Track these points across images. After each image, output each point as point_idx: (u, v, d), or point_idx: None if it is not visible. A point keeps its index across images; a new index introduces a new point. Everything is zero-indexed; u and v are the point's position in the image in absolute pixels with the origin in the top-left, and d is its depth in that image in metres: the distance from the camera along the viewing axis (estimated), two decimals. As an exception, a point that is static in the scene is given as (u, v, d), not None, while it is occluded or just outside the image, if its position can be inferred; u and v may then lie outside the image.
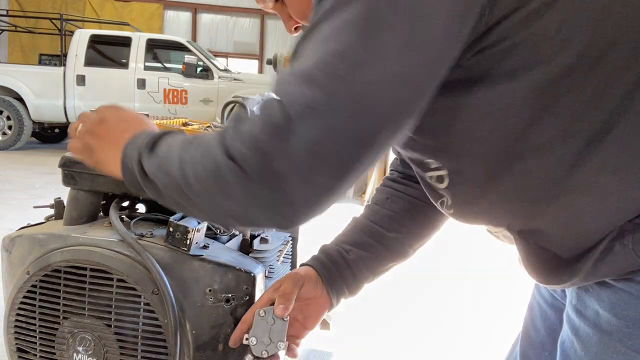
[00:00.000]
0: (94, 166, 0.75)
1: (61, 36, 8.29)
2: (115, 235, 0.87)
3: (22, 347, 0.88)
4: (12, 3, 10.96)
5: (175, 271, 0.84)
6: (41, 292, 0.85)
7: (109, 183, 0.93)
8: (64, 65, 7.38)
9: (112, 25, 9.59)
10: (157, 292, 0.81)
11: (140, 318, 0.82)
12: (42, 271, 0.85)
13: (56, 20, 8.58)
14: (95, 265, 0.83)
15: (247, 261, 0.90)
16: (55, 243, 0.87)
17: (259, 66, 11.71)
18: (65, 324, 0.84)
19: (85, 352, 0.84)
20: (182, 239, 0.85)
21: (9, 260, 0.92)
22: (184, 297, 0.84)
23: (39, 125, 7.90)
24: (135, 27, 9.15)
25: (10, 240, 0.92)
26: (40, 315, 0.86)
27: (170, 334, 0.80)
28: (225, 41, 11.78)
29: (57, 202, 1.03)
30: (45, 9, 10.48)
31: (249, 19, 11.79)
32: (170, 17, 11.67)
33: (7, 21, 9.97)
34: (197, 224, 0.88)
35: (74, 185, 0.96)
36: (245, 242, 1.04)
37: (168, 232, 0.86)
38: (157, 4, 11.48)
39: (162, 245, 0.86)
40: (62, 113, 7.43)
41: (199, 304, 0.84)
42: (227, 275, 0.84)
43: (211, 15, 11.78)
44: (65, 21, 8.49)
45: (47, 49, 10.38)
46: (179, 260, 0.85)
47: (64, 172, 0.95)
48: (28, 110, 7.40)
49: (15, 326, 0.87)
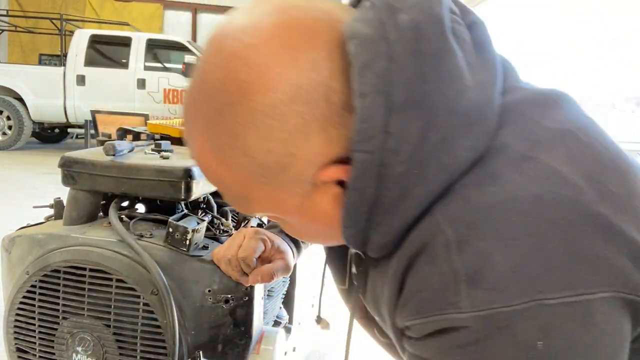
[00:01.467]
0: None
1: (61, 36, 8.29)
2: (114, 236, 0.87)
3: (22, 347, 0.88)
4: (12, 3, 10.96)
5: (174, 271, 0.84)
6: (40, 292, 0.85)
7: (109, 183, 0.93)
8: (64, 65, 7.38)
9: (112, 25, 9.59)
10: (156, 293, 0.81)
11: (140, 318, 0.82)
12: (41, 271, 0.85)
13: (56, 20, 8.58)
14: (94, 265, 0.83)
15: (247, 261, 0.90)
16: (55, 243, 0.87)
17: (259, 66, 11.70)
18: (65, 324, 0.84)
19: (84, 353, 0.84)
20: (182, 240, 0.85)
21: (8, 260, 0.92)
22: (183, 297, 0.84)
23: (39, 125, 7.90)
24: (135, 27, 9.15)
25: (10, 240, 0.92)
26: (39, 315, 0.86)
27: (169, 335, 0.80)
28: (225, 41, 11.78)
29: (57, 202, 1.03)
30: (45, 9, 10.47)
31: (249, 19, 11.79)
32: (170, 17, 11.67)
33: (7, 21, 9.97)
34: (196, 224, 0.88)
35: (74, 185, 0.96)
36: (245, 243, 1.04)
37: (167, 232, 0.86)
38: (157, 4, 11.47)
39: (162, 246, 0.86)
40: (62, 113, 7.43)
41: (198, 305, 0.84)
42: (227, 276, 0.84)
43: (211, 15, 11.78)
44: (65, 21, 8.49)
45: (47, 49, 10.38)
46: (178, 260, 0.85)
47: (63, 172, 0.95)
48: (28, 110, 7.39)
49: (15, 326, 0.87)
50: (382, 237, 0.50)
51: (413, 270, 0.48)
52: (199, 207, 1.04)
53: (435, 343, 0.46)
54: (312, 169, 0.49)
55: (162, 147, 1.05)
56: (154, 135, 1.30)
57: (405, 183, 0.47)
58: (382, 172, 0.46)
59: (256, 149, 0.47)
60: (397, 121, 0.45)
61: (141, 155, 1.01)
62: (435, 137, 0.46)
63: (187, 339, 0.83)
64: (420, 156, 0.46)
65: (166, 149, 1.05)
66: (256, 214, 0.56)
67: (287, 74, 0.45)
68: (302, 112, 0.46)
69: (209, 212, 1.02)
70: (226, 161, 0.49)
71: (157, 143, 1.06)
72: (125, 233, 0.86)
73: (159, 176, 0.91)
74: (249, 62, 0.46)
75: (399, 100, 0.45)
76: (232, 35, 0.47)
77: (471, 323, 0.43)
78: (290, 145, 0.47)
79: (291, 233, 0.62)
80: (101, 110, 5.93)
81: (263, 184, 0.50)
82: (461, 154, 0.47)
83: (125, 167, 0.92)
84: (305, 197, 0.51)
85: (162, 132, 1.28)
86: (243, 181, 0.50)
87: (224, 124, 0.47)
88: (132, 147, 1.03)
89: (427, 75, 0.45)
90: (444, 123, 0.46)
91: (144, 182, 0.92)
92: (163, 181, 0.91)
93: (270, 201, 0.52)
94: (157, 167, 0.91)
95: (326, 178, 0.49)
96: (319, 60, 0.46)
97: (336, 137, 0.47)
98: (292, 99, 0.45)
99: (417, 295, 0.47)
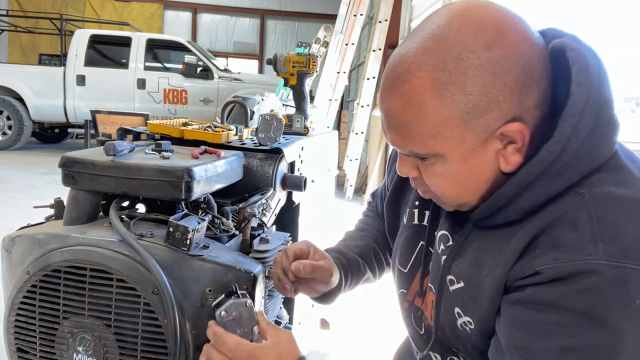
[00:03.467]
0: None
1: (61, 36, 8.29)
2: (115, 235, 0.87)
3: (22, 347, 0.88)
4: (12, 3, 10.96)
5: (175, 271, 0.84)
6: (41, 292, 0.85)
7: (109, 183, 0.93)
8: (64, 65, 7.38)
9: (112, 25, 9.59)
10: (157, 292, 0.81)
11: (140, 318, 0.82)
12: (42, 271, 0.85)
13: (56, 20, 8.58)
14: (95, 265, 0.83)
15: (247, 261, 0.90)
16: (55, 243, 0.87)
17: (259, 66, 11.71)
18: (65, 324, 0.84)
19: (85, 352, 0.84)
20: (182, 239, 0.85)
21: (9, 260, 0.92)
22: (184, 297, 0.84)
23: (39, 125, 7.90)
24: (135, 27, 9.15)
25: (10, 240, 0.92)
26: (40, 315, 0.86)
27: (170, 334, 0.80)
28: (225, 41, 11.78)
29: (57, 202, 1.03)
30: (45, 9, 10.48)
31: (249, 19, 11.80)
32: (170, 17, 11.67)
33: (7, 21, 9.97)
34: (197, 224, 0.88)
35: (74, 185, 0.96)
36: (245, 242, 1.04)
37: (168, 232, 0.86)
38: (157, 4, 11.47)
39: (162, 245, 0.86)
40: (62, 113, 7.43)
41: (199, 304, 0.84)
42: (227, 275, 0.84)
43: (211, 15, 11.78)
44: (65, 21, 8.49)
45: (47, 49, 10.38)
46: (179, 260, 0.85)
47: (64, 172, 0.95)
48: (28, 110, 7.39)
49: (15, 326, 0.87)
50: (532, 201, 0.64)
51: (549, 234, 0.60)
52: (199, 207, 1.04)
53: (561, 287, 0.57)
54: (502, 120, 0.63)
55: (162, 147, 1.05)
56: (154, 135, 1.30)
57: (573, 160, 0.62)
58: (566, 145, 0.62)
59: (476, 90, 0.61)
60: (588, 112, 0.62)
61: (141, 155, 1.01)
62: (599, 132, 0.63)
63: (187, 338, 0.83)
64: (588, 142, 0.62)
65: (166, 149, 1.05)
66: (422, 153, 0.68)
67: (519, 44, 0.62)
68: (517, 74, 0.61)
69: (209, 212, 1.02)
70: (442, 95, 0.62)
71: (157, 143, 1.06)
72: (126, 233, 0.86)
73: (160, 176, 0.91)
74: (498, 27, 0.62)
75: (593, 98, 0.62)
76: (483, 6, 0.64)
77: (602, 269, 0.55)
78: (501, 95, 0.61)
79: (432, 185, 0.71)
80: (101, 110, 5.93)
81: (462, 122, 0.63)
82: (606, 151, 0.64)
83: (126, 167, 0.92)
84: (481, 144, 0.64)
85: (162, 132, 1.28)
86: (446, 116, 0.63)
87: (458, 65, 0.61)
88: (133, 147, 1.03)
89: (606, 91, 0.64)
90: (607, 123, 0.64)
91: (144, 182, 0.92)
92: (163, 181, 0.91)
93: (454, 140, 0.64)
94: (158, 167, 0.91)
95: (508, 131, 0.63)
96: (537, 48, 0.64)
97: (524, 103, 0.63)
98: (517, 62, 0.61)
99: (555, 251, 0.59)
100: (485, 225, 0.70)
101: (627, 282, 0.55)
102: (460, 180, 0.68)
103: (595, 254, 0.56)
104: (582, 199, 0.61)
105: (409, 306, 0.86)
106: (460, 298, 0.71)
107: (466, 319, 0.71)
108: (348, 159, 5.63)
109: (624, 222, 0.58)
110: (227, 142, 1.28)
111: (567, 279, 0.57)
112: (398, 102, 0.65)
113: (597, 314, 0.56)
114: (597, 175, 0.63)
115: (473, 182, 0.68)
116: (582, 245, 0.58)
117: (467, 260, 0.71)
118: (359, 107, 5.59)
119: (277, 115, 1.27)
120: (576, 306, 0.56)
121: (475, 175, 0.67)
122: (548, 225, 0.61)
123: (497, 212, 0.67)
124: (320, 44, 1.93)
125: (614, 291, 0.55)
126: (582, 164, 0.63)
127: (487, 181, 0.68)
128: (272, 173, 1.21)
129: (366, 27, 6.90)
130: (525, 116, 0.63)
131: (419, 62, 0.63)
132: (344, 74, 5.42)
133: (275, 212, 1.27)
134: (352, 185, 5.68)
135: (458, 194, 0.70)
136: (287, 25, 11.85)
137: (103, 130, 5.65)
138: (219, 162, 1.03)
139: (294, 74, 1.62)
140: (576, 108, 0.62)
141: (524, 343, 0.60)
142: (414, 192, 0.88)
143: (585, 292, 0.56)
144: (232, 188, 1.14)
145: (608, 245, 0.56)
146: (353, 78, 8.26)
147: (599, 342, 0.56)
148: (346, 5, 5.42)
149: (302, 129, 1.62)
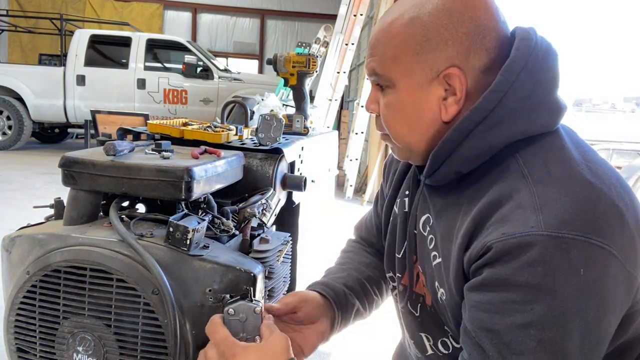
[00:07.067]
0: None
1: (61, 36, 8.29)
2: (115, 235, 0.87)
3: (22, 347, 0.88)
4: (12, 3, 10.95)
5: (175, 271, 0.84)
6: (41, 292, 0.85)
7: (109, 183, 0.93)
8: (64, 65, 7.38)
9: (112, 25, 9.59)
10: (157, 292, 0.81)
11: (140, 318, 0.82)
12: (42, 271, 0.85)
13: (56, 20, 8.59)
14: (95, 265, 0.83)
15: (247, 261, 0.90)
16: (55, 243, 0.87)
17: (259, 66, 11.71)
18: (65, 324, 0.84)
19: (85, 352, 0.84)
20: (182, 239, 0.85)
21: (9, 260, 0.92)
22: (184, 297, 0.84)
23: (39, 125, 7.90)
24: (135, 27, 9.15)
25: (10, 240, 0.92)
26: (40, 315, 0.86)
27: (170, 334, 0.80)
28: (225, 41, 11.78)
29: (57, 202, 1.03)
30: (45, 9, 10.47)
31: (249, 19, 11.79)
32: (170, 17, 11.66)
33: (7, 21, 9.97)
34: (196, 224, 0.88)
35: (74, 185, 0.96)
36: (245, 242, 1.04)
37: (168, 232, 0.86)
38: (157, 4, 11.47)
39: (162, 245, 0.86)
40: (62, 113, 7.43)
41: (199, 304, 0.84)
42: (227, 275, 0.84)
43: (211, 15, 11.77)
44: (65, 21, 8.49)
45: (47, 49, 10.38)
46: (179, 260, 0.85)
47: (64, 172, 0.95)
48: (28, 110, 7.39)
49: (15, 326, 0.87)
50: (472, 149, 0.70)
51: (498, 212, 0.65)
52: (199, 207, 1.04)
53: (511, 262, 0.61)
54: (447, 63, 0.71)
55: (162, 147, 1.05)
56: (154, 135, 1.30)
57: (510, 117, 0.69)
58: (503, 99, 0.69)
59: (433, 26, 0.71)
60: (525, 76, 0.69)
61: (141, 155, 1.01)
62: (537, 99, 0.70)
63: (187, 338, 0.83)
64: (526, 104, 0.69)
65: (166, 149, 1.05)
66: (381, 74, 0.77)
67: (480, 10, 0.71)
68: (470, 29, 0.70)
69: (209, 212, 1.02)
70: (409, 25, 0.72)
71: (157, 143, 1.06)
72: (126, 233, 0.86)
73: (160, 176, 0.91)
74: None
75: (531, 64, 0.70)
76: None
77: (543, 239, 0.59)
78: (450, 39, 0.70)
79: (385, 120, 0.79)
80: (101, 110, 5.93)
81: (415, 53, 0.72)
82: (544, 122, 0.70)
83: (126, 167, 0.92)
84: (426, 82, 0.73)
85: (162, 132, 1.28)
86: (406, 42, 0.72)
87: (426, 3, 0.72)
88: (133, 147, 1.03)
89: (549, 59, 0.72)
90: (546, 97, 0.71)
91: (144, 182, 0.92)
92: (163, 181, 0.91)
93: (405, 68, 0.73)
94: (158, 167, 0.91)
95: (449, 73, 0.71)
96: (497, 24, 0.72)
97: (470, 59, 0.71)
98: (472, 20, 0.70)
99: (503, 226, 0.63)
100: (438, 186, 0.78)
101: (569, 252, 0.59)
102: (407, 115, 0.75)
103: (537, 227, 0.60)
104: (525, 180, 0.66)
105: (404, 289, 0.89)
106: (439, 272, 0.76)
107: (442, 290, 0.75)
108: (348, 159, 5.63)
109: (562, 197, 0.63)
110: (227, 142, 1.28)
111: (514, 252, 0.61)
112: (382, 28, 0.76)
113: (547, 285, 0.59)
114: (537, 145, 0.69)
115: (417, 120, 0.75)
116: (525, 219, 0.62)
117: (442, 227, 0.76)
118: (359, 107, 5.59)
119: (277, 115, 1.27)
120: (528, 280, 0.60)
121: (420, 112, 0.74)
122: (496, 203, 0.66)
123: (444, 164, 0.74)
124: (320, 44, 1.93)
125: (559, 261, 0.59)
126: (518, 124, 0.69)
127: (430, 124, 0.75)
128: (272, 173, 1.21)
129: (366, 27, 6.89)
130: (468, 71, 0.71)
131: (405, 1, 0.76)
132: (344, 74, 5.42)
133: (275, 212, 1.27)
134: (352, 185, 5.69)
135: (405, 131, 0.77)
136: (287, 25, 11.85)
137: (103, 130, 5.66)
138: (219, 162, 1.03)
139: (294, 74, 1.62)
140: (513, 68, 0.69)
141: (488, 325, 0.63)
142: (404, 182, 0.92)
143: (533, 264, 0.60)
144: (232, 188, 1.14)
145: (548, 217, 0.61)
146: (353, 78, 8.25)
147: (552, 313, 0.59)
148: (346, 5, 5.41)
149: (302, 129, 1.62)
